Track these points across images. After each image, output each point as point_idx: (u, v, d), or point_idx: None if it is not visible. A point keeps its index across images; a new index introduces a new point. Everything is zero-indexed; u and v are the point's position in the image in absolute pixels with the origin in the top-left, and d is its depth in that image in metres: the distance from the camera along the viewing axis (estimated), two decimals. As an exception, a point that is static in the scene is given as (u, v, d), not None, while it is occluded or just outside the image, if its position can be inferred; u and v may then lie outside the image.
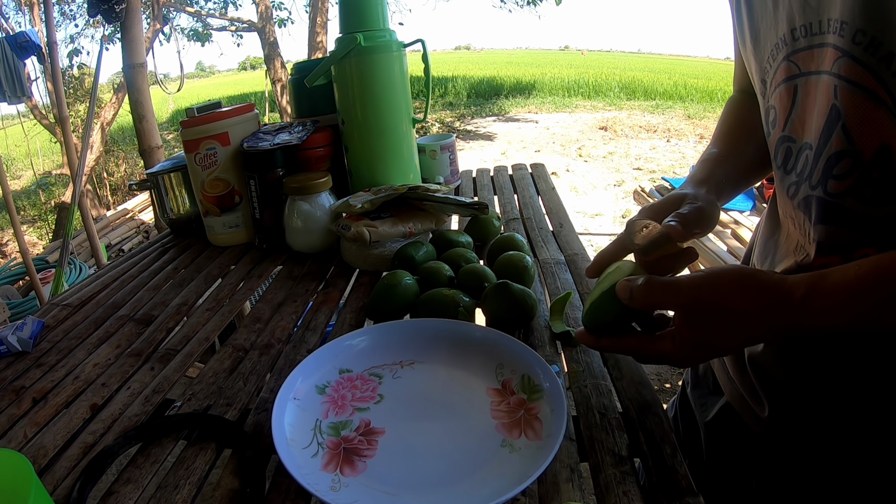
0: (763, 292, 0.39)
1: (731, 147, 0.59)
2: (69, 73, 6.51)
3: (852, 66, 0.38)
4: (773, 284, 0.39)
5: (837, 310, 0.37)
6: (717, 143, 0.60)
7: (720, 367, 0.61)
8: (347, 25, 0.90)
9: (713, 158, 0.57)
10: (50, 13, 2.46)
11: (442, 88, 12.04)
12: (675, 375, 2.10)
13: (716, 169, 0.56)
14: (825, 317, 0.38)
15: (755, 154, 0.59)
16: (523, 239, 0.77)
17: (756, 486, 0.56)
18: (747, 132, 0.60)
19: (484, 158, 6.04)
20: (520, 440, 0.46)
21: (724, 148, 0.59)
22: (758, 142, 0.59)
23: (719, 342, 0.42)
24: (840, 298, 0.37)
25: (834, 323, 0.38)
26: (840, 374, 0.46)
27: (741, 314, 0.39)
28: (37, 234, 5.07)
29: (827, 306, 0.37)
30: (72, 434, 0.53)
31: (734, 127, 0.61)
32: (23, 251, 2.38)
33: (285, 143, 0.88)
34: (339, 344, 0.58)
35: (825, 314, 0.37)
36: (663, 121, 7.83)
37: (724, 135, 0.61)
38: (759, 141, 0.59)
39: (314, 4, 6.35)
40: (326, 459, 0.45)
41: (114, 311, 0.78)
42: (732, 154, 0.58)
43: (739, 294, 0.40)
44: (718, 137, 0.61)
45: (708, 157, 0.58)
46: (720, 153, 0.58)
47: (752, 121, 0.60)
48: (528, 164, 1.33)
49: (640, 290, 0.42)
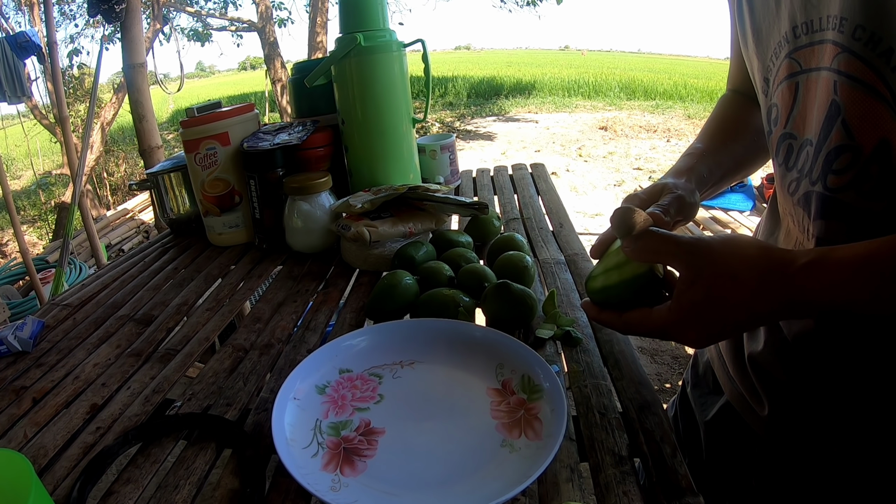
0: (762, 257, 0.39)
1: (717, 143, 0.59)
2: (69, 73, 6.51)
3: (852, 61, 0.38)
4: (772, 251, 0.39)
5: (838, 283, 0.36)
6: (702, 139, 0.61)
7: (720, 367, 0.61)
8: (347, 25, 0.90)
9: (697, 153, 0.58)
10: (50, 13, 2.46)
11: (442, 88, 12.04)
12: (675, 375, 2.11)
13: (698, 162, 0.56)
14: (826, 290, 0.37)
15: (740, 152, 0.60)
16: (523, 239, 0.77)
17: (756, 485, 0.56)
18: (734, 130, 0.60)
19: (484, 158, 6.04)
20: (520, 440, 0.46)
21: (710, 144, 0.59)
22: (744, 141, 0.60)
23: (717, 313, 0.40)
24: (843, 271, 0.36)
25: (835, 297, 0.37)
26: (840, 374, 0.46)
27: (738, 281, 0.39)
28: (37, 234, 5.07)
29: (829, 278, 0.37)
30: (72, 434, 0.53)
31: (722, 124, 0.62)
32: (23, 251, 2.38)
33: (285, 143, 0.88)
34: (339, 344, 0.58)
35: (826, 287, 0.37)
36: (663, 121, 7.83)
37: (712, 131, 0.61)
38: (745, 140, 0.60)
39: (314, 4, 6.35)
40: (326, 459, 0.45)
41: (114, 311, 0.78)
42: (717, 150, 0.59)
43: (737, 260, 0.39)
44: (705, 133, 0.61)
45: (692, 151, 0.58)
46: (705, 148, 0.59)
47: (741, 120, 0.61)
48: (528, 164, 1.33)
49: (645, 238, 0.43)
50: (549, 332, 0.60)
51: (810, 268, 0.37)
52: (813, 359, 0.48)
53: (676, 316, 0.42)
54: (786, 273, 0.38)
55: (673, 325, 0.43)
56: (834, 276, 0.36)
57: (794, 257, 0.38)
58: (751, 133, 0.60)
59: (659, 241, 0.43)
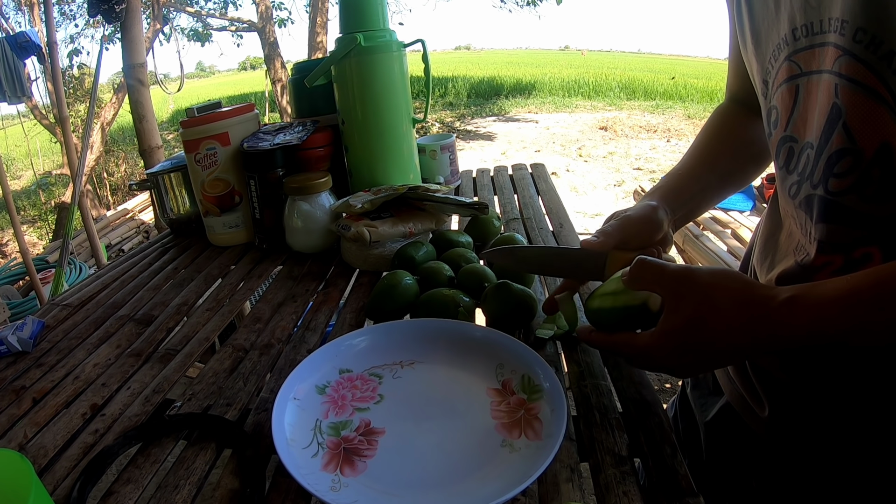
0: (744, 291, 0.40)
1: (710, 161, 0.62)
2: (69, 73, 6.51)
3: (853, 64, 0.38)
4: (756, 286, 0.40)
5: (823, 317, 0.37)
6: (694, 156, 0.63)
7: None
8: (347, 25, 0.90)
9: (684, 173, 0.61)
10: (50, 13, 2.46)
11: (442, 88, 12.04)
12: (675, 375, 2.10)
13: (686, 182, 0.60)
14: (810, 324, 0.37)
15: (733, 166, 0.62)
16: (523, 239, 0.77)
17: (756, 486, 0.56)
18: (728, 146, 0.62)
19: (484, 158, 6.04)
20: (520, 440, 0.46)
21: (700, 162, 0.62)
22: (738, 154, 0.62)
23: (696, 343, 0.41)
24: (827, 306, 0.37)
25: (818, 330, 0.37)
26: (840, 375, 0.46)
27: (719, 313, 0.40)
28: (37, 234, 5.07)
29: (812, 313, 0.37)
30: (72, 434, 0.53)
31: (715, 140, 0.63)
32: (23, 251, 2.38)
33: (285, 143, 0.88)
34: (339, 344, 0.58)
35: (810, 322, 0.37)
36: (663, 121, 7.83)
37: (703, 147, 0.63)
38: (740, 153, 0.62)
39: (314, 4, 6.36)
40: (326, 459, 0.45)
41: (114, 311, 0.78)
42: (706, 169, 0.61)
43: (720, 291, 0.40)
44: (696, 149, 0.63)
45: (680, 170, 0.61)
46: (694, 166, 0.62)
47: (737, 134, 0.62)
48: (528, 164, 1.33)
49: (633, 267, 0.46)
50: (549, 332, 0.60)
51: (792, 303, 0.38)
52: (813, 359, 0.48)
53: (658, 341, 0.43)
54: (769, 307, 0.38)
55: (654, 350, 0.44)
56: (815, 312, 0.37)
57: (777, 293, 0.39)
58: (746, 146, 0.61)
59: (646, 268, 0.45)
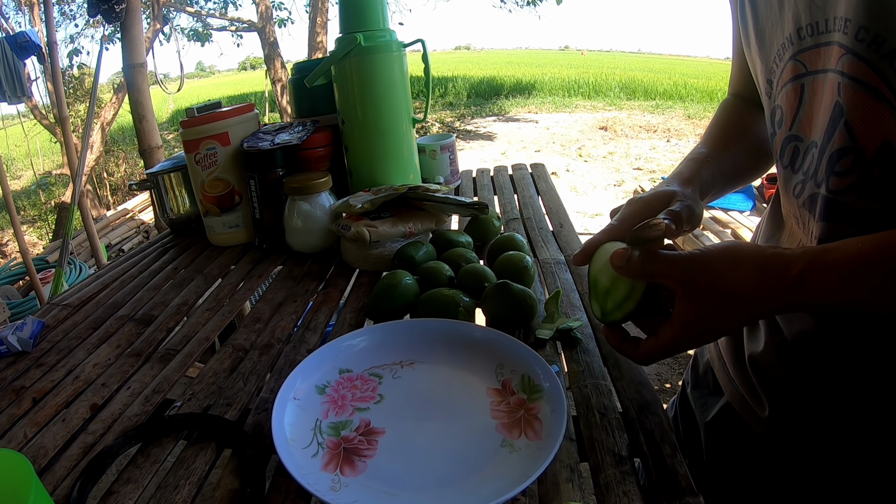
0: (757, 270, 0.39)
1: (720, 149, 0.59)
2: (69, 73, 6.51)
3: (855, 62, 0.38)
4: (768, 260, 0.39)
5: (836, 288, 0.37)
6: (706, 144, 0.61)
7: (720, 367, 0.61)
8: (347, 25, 0.90)
9: (701, 158, 0.58)
10: (50, 13, 2.46)
11: (442, 88, 12.04)
12: (675, 375, 2.10)
13: (702, 169, 0.56)
14: (824, 295, 0.37)
15: (743, 158, 0.60)
16: (523, 239, 0.77)
17: (756, 486, 0.56)
18: (737, 136, 0.60)
19: (484, 158, 6.04)
20: (520, 440, 0.46)
21: (713, 149, 0.59)
22: (747, 147, 0.60)
23: (719, 324, 0.42)
24: (839, 276, 0.37)
25: (833, 301, 0.37)
26: (840, 374, 0.46)
27: (735, 295, 0.39)
28: (37, 234, 5.07)
29: (826, 284, 0.37)
30: (72, 434, 0.53)
31: (725, 129, 0.62)
32: (23, 251, 2.38)
33: (285, 143, 0.88)
34: (339, 344, 0.58)
35: (824, 292, 0.37)
36: (663, 121, 7.83)
37: (714, 136, 0.61)
38: (747, 146, 0.60)
39: (314, 4, 6.35)
40: (326, 459, 0.45)
41: (114, 311, 0.78)
42: (720, 156, 0.59)
43: (733, 273, 0.40)
44: (708, 138, 0.61)
45: (696, 157, 0.58)
46: (709, 154, 0.59)
47: (743, 125, 0.61)
48: (528, 164, 1.33)
49: (640, 258, 0.43)
50: (549, 332, 0.60)
51: (805, 276, 0.37)
52: (813, 359, 0.48)
53: (679, 333, 0.43)
54: (782, 284, 0.38)
55: (679, 342, 0.43)
56: (830, 282, 0.37)
57: (789, 265, 0.38)
58: (752, 138, 0.60)
59: (655, 261, 0.43)
